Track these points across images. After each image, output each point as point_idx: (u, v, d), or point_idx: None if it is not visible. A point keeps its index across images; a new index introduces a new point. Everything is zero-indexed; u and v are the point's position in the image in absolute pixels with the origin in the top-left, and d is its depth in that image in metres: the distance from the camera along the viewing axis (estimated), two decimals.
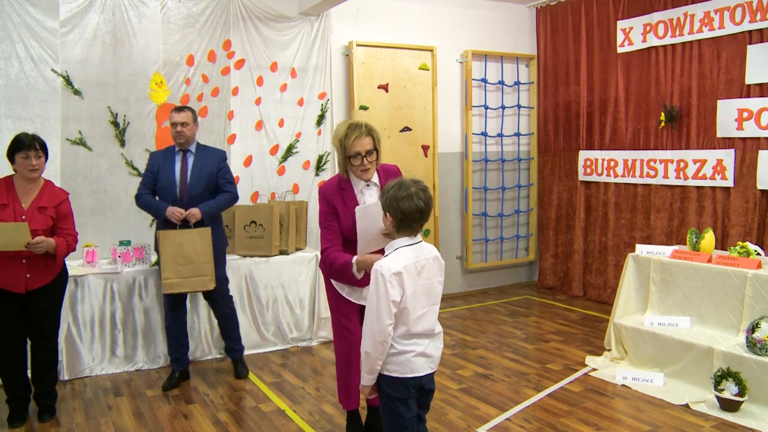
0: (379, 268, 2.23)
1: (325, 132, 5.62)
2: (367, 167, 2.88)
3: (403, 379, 2.31)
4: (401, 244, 2.31)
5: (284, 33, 5.42)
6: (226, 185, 4.15)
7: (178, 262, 3.95)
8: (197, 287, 4.02)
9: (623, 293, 4.51)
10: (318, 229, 5.67)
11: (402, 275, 2.23)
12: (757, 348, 3.57)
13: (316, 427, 3.47)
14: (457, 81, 6.48)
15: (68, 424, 3.55)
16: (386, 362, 2.31)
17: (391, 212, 2.29)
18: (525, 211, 7.00)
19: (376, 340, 2.24)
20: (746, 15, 4.87)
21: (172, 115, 4.05)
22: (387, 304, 2.21)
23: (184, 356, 4.19)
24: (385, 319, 2.22)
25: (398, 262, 2.25)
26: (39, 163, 3.37)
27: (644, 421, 3.47)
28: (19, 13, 4.43)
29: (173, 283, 3.96)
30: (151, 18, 4.87)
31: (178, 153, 4.11)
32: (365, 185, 2.96)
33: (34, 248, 3.26)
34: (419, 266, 2.29)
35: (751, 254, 4.04)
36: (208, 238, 3.99)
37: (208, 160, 4.12)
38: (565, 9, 6.46)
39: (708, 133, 5.23)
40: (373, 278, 2.25)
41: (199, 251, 3.97)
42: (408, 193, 2.26)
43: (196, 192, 4.05)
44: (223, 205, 4.14)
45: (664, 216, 5.61)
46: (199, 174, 4.06)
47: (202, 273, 3.99)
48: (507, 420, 3.51)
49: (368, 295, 2.28)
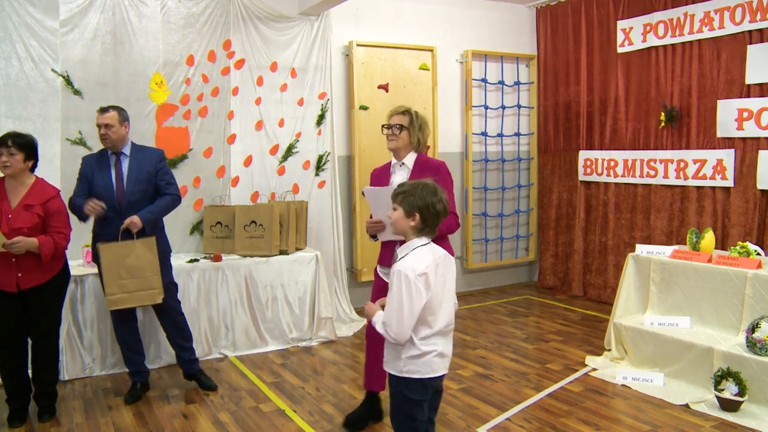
0: (404, 270, 2.19)
1: (325, 132, 5.62)
2: (391, 138, 3.30)
3: (423, 381, 2.30)
4: (419, 244, 2.30)
5: (284, 33, 5.42)
6: (166, 187, 3.86)
7: (122, 276, 3.67)
8: (144, 301, 3.76)
9: (623, 293, 4.51)
10: (318, 228, 5.69)
11: (427, 276, 2.22)
12: (757, 348, 3.57)
13: (316, 427, 3.47)
14: (457, 81, 6.48)
15: (68, 424, 3.55)
16: (407, 364, 2.29)
17: (423, 214, 2.27)
18: (525, 211, 7.00)
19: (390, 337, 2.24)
20: (746, 15, 4.87)
21: (96, 116, 3.75)
22: (410, 307, 2.19)
23: (142, 366, 3.99)
24: (407, 322, 2.20)
25: (422, 262, 2.23)
26: (11, 160, 3.32)
27: (644, 421, 3.47)
28: (19, 13, 4.42)
29: (118, 299, 3.69)
30: (151, 18, 4.86)
31: (111, 156, 3.81)
32: (399, 164, 3.33)
33: (11, 248, 3.22)
34: (435, 265, 2.28)
35: (751, 254, 4.04)
36: (153, 249, 3.72)
37: (144, 162, 3.82)
38: (565, 9, 6.46)
39: (708, 133, 5.23)
40: (396, 280, 2.22)
41: (145, 264, 3.69)
42: (439, 197, 2.29)
43: (135, 198, 3.76)
44: (165, 209, 3.86)
45: (664, 216, 5.61)
46: (137, 178, 3.78)
47: (149, 286, 3.72)
48: (507, 420, 3.52)
49: (390, 296, 2.24)
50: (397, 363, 2.33)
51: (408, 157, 3.32)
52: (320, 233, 5.57)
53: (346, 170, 5.89)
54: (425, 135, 3.35)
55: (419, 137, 3.31)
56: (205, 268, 4.65)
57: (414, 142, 3.31)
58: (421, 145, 3.34)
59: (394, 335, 2.23)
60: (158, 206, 3.82)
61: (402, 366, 2.30)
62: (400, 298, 2.19)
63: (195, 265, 4.61)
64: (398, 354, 2.32)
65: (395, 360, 2.34)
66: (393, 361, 2.35)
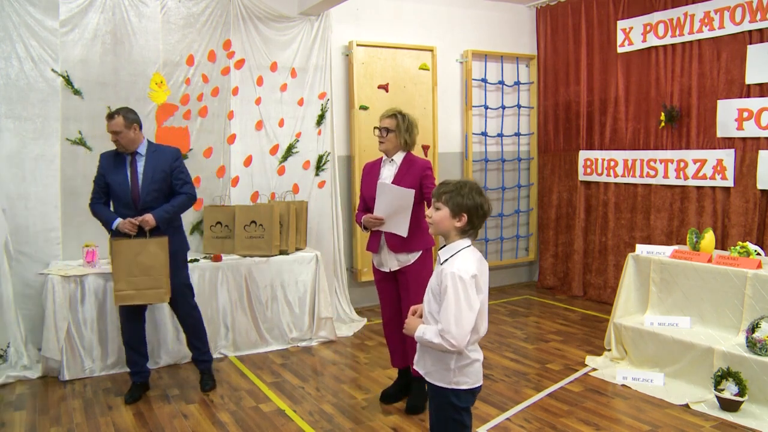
0: (457, 272, 2.10)
1: (325, 132, 5.62)
2: (381, 141, 3.61)
3: (473, 389, 2.24)
4: (463, 246, 2.20)
5: (284, 33, 5.42)
6: (181, 186, 3.88)
7: (132, 273, 3.71)
8: (152, 300, 3.79)
9: (623, 293, 4.51)
10: (318, 228, 5.74)
11: (477, 277, 2.15)
12: (757, 348, 3.57)
13: (316, 427, 3.47)
14: (457, 81, 6.48)
15: (68, 424, 3.55)
16: (456, 375, 2.19)
17: (471, 213, 2.18)
18: (525, 211, 7.00)
19: (451, 344, 2.10)
20: (746, 15, 4.87)
21: (106, 123, 3.79)
22: (469, 310, 2.10)
23: (144, 367, 4.01)
24: (467, 326, 2.10)
25: (471, 264, 2.15)
26: None
27: (644, 421, 3.47)
28: (19, 13, 4.42)
29: (126, 295, 3.73)
30: (151, 18, 4.86)
31: (127, 156, 3.83)
32: (389, 161, 3.65)
33: None
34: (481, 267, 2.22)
35: (751, 254, 4.04)
36: (164, 248, 3.75)
37: (160, 162, 3.83)
38: (565, 9, 6.46)
39: (708, 133, 5.23)
40: (450, 283, 2.10)
41: (155, 263, 3.73)
42: (486, 197, 2.21)
43: (150, 197, 3.78)
44: (179, 208, 3.86)
45: (664, 216, 5.61)
46: (152, 178, 3.79)
47: (157, 285, 3.75)
48: (507, 420, 3.52)
49: (446, 302, 2.11)
50: (446, 374, 2.21)
51: (397, 155, 3.63)
52: (320, 233, 5.57)
53: (346, 170, 5.89)
54: (413, 136, 3.64)
55: (406, 138, 3.61)
56: (205, 268, 4.65)
57: (402, 142, 3.61)
58: (408, 145, 3.64)
59: (455, 342, 2.09)
60: (173, 205, 3.83)
61: (452, 377, 2.20)
62: (457, 301, 2.08)
63: (195, 265, 4.61)
64: (446, 365, 2.20)
65: (443, 371, 2.21)
66: (440, 373, 2.22)
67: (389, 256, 3.60)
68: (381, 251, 3.63)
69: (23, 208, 4.49)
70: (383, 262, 3.65)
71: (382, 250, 3.62)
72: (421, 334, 2.19)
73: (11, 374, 4.17)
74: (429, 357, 2.25)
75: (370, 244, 3.70)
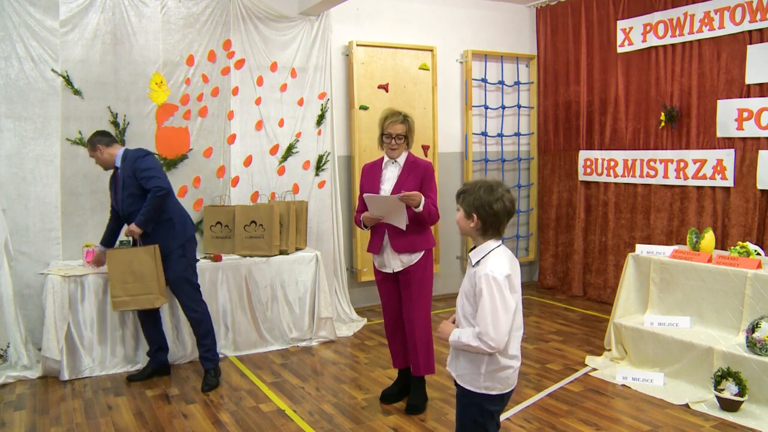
0: (491, 273, 2.07)
1: (325, 132, 5.62)
2: (394, 147, 3.57)
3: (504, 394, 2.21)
4: (493, 247, 2.17)
5: (284, 33, 5.42)
6: (147, 183, 3.90)
7: (126, 279, 3.95)
8: (145, 305, 4.01)
9: (623, 293, 4.51)
10: (318, 228, 5.74)
11: (512, 277, 2.12)
12: (757, 348, 3.57)
13: (316, 427, 3.47)
14: (457, 81, 6.48)
15: (68, 424, 3.55)
16: (486, 380, 2.17)
17: (480, 214, 2.14)
18: (525, 211, 7.00)
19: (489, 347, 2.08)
20: (746, 15, 4.87)
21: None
22: (505, 310, 2.07)
23: (156, 355, 4.25)
24: (504, 326, 2.07)
25: (504, 264, 2.12)
26: None
27: (644, 421, 3.47)
28: (19, 12, 4.42)
29: (122, 301, 3.99)
30: (151, 18, 4.86)
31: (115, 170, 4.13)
32: (391, 162, 3.63)
33: None
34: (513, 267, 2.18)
35: (751, 254, 4.04)
36: (152, 255, 3.96)
37: (126, 169, 3.98)
38: (565, 9, 6.46)
39: (708, 133, 5.23)
40: (485, 285, 2.08)
41: (145, 269, 3.95)
42: (498, 195, 2.14)
43: (127, 204, 3.99)
44: (152, 206, 3.89)
45: (664, 216, 5.61)
46: (124, 186, 3.99)
47: (149, 291, 3.98)
48: (507, 420, 3.51)
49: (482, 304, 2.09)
50: (476, 379, 2.18)
51: (401, 156, 3.63)
52: (320, 233, 5.57)
53: (346, 170, 5.89)
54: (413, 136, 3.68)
55: (411, 139, 3.65)
56: (205, 268, 4.65)
57: (409, 144, 3.64)
58: (410, 145, 3.66)
59: (493, 343, 2.06)
60: (145, 206, 3.91)
61: (482, 382, 2.17)
62: (493, 302, 2.06)
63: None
64: (477, 369, 2.17)
65: (474, 375, 2.19)
66: (470, 376, 2.20)
67: (392, 257, 3.58)
68: (383, 252, 3.62)
69: (23, 208, 4.49)
70: (385, 263, 3.63)
71: (385, 251, 3.60)
72: (456, 339, 2.17)
73: (11, 374, 4.18)
74: (463, 359, 2.23)
75: (372, 246, 3.67)
